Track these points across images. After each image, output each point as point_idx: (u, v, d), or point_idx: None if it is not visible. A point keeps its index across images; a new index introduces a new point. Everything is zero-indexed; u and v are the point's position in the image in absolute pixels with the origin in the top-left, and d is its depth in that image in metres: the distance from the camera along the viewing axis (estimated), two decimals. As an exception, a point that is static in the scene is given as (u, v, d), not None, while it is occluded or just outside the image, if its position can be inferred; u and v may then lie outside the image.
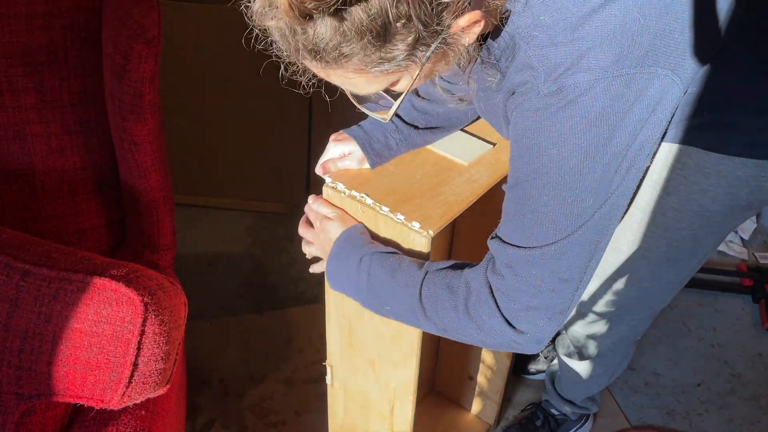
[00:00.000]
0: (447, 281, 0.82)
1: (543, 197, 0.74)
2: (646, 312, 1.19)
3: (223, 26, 1.90)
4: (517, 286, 0.77)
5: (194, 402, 1.61)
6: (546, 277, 0.76)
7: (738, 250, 2.20)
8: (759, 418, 1.69)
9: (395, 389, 1.10)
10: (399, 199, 0.92)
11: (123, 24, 1.05)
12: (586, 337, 1.28)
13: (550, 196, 0.73)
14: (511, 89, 0.75)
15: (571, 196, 0.72)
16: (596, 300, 1.18)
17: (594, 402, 1.53)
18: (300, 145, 2.11)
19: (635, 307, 1.16)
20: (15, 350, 0.82)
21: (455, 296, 0.81)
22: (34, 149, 1.19)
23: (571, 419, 1.55)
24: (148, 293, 0.81)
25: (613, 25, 0.67)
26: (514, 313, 0.78)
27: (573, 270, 0.76)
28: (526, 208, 0.76)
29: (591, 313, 1.21)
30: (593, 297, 1.18)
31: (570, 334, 1.32)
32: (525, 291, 0.77)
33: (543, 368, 1.72)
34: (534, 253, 0.75)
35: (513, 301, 0.78)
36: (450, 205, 0.92)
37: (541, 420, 1.55)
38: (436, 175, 0.98)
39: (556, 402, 1.53)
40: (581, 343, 1.30)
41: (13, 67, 1.14)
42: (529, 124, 0.72)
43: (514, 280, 0.77)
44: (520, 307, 0.78)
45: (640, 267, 1.07)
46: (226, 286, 1.93)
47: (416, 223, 0.88)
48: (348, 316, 1.07)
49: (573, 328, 1.29)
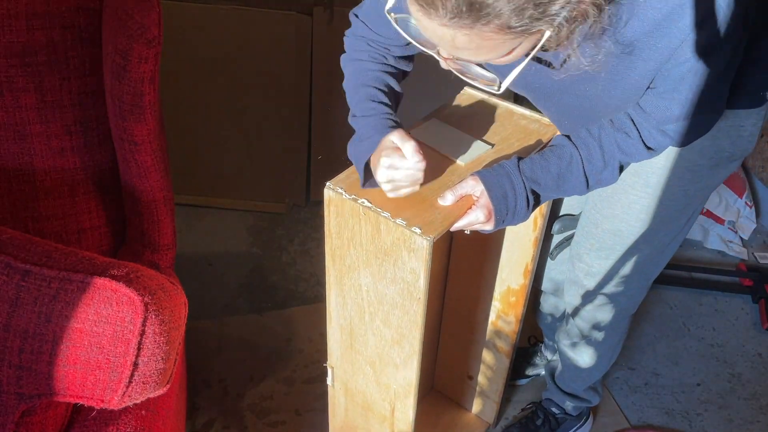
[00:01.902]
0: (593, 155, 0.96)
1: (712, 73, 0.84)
2: (643, 281, 1.24)
3: (224, 26, 1.90)
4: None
5: (194, 402, 1.61)
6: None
7: (738, 250, 2.20)
8: (758, 418, 1.69)
9: (396, 390, 1.10)
10: (400, 203, 0.92)
11: (123, 24, 1.05)
12: (590, 320, 1.31)
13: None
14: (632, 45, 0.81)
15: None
16: (599, 279, 1.23)
17: (596, 392, 1.53)
18: (300, 145, 2.11)
19: (632, 277, 1.20)
20: (15, 350, 0.82)
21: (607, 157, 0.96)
22: (34, 149, 1.19)
23: (572, 416, 1.55)
24: (149, 293, 0.82)
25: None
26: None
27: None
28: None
29: (595, 295, 1.25)
30: (597, 277, 1.23)
31: (576, 322, 1.34)
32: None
33: (538, 372, 1.72)
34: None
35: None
36: (450, 210, 0.92)
37: (541, 419, 1.55)
38: (436, 180, 0.98)
39: (557, 397, 1.53)
40: (586, 327, 1.33)
41: (13, 67, 1.14)
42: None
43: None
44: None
45: (635, 232, 1.12)
46: (226, 286, 1.93)
47: (417, 228, 0.88)
48: (349, 318, 1.07)
49: (579, 314, 1.32)
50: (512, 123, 1.10)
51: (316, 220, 2.16)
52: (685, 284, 2.03)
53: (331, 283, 1.06)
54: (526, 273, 1.28)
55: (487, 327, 1.41)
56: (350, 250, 0.98)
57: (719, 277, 2.10)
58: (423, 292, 0.92)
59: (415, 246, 0.89)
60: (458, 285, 1.43)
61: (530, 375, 1.71)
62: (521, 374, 1.70)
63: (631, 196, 1.09)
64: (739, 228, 2.24)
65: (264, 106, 2.03)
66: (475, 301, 1.41)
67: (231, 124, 2.07)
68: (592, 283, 1.24)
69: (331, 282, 1.06)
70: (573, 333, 1.37)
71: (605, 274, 1.21)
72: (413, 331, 0.98)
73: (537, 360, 1.70)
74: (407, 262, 0.91)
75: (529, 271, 1.27)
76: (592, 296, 1.26)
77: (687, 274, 2.07)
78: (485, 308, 1.39)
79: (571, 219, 1.29)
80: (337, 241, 0.99)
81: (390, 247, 0.92)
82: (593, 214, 1.17)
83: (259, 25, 1.89)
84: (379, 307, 1.00)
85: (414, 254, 0.90)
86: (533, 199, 0.96)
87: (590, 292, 1.25)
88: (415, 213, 0.91)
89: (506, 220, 0.96)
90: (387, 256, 0.93)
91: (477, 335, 1.45)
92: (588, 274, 1.23)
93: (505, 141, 1.05)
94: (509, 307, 1.35)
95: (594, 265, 1.21)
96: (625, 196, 1.10)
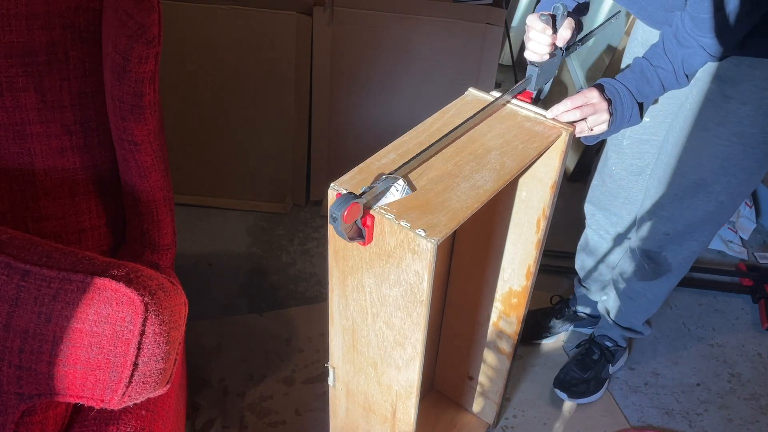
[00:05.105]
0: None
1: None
2: (716, 227, 1.35)
3: (224, 26, 1.90)
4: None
5: (194, 402, 1.61)
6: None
7: (738, 250, 2.20)
8: (758, 418, 1.69)
9: (398, 392, 1.10)
10: (404, 205, 0.92)
11: (123, 24, 1.05)
12: (661, 261, 1.43)
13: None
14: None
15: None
16: (676, 225, 1.35)
17: (649, 325, 1.69)
18: (300, 145, 2.11)
19: (707, 222, 1.33)
20: (15, 350, 0.81)
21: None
22: (34, 149, 1.19)
23: (622, 347, 1.73)
24: (149, 293, 0.81)
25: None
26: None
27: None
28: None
29: (670, 239, 1.38)
30: (674, 223, 1.35)
31: (647, 255, 1.44)
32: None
33: (557, 332, 1.84)
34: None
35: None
36: (455, 212, 0.92)
37: (597, 354, 1.70)
38: (440, 182, 0.98)
39: (613, 333, 1.69)
40: (658, 261, 1.44)
41: (13, 67, 1.13)
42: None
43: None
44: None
45: (718, 180, 1.24)
46: (226, 286, 1.93)
47: (422, 231, 0.88)
48: (351, 319, 1.07)
49: (648, 256, 1.44)
50: (516, 125, 1.10)
51: (316, 220, 2.16)
52: (685, 284, 2.03)
53: (333, 284, 1.06)
54: (528, 275, 1.28)
55: (489, 328, 1.41)
56: (353, 251, 0.98)
57: (719, 277, 2.10)
58: (426, 294, 0.92)
59: (419, 248, 0.88)
60: (460, 286, 1.43)
61: (554, 333, 1.83)
62: (541, 335, 1.83)
63: (718, 145, 1.19)
64: (739, 228, 2.24)
65: (264, 106, 2.03)
66: (476, 302, 1.41)
67: (231, 124, 2.07)
68: (669, 229, 1.36)
69: (333, 283, 1.05)
70: (642, 266, 1.47)
71: (683, 220, 1.33)
72: (416, 333, 0.98)
73: (555, 321, 1.82)
74: (411, 264, 0.91)
75: (531, 273, 1.27)
76: (666, 240, 1.39)
77: (687, 274, 2.06)
78: (487, 309, 1.39)
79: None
80: (341, 242, 0.99)
81: (394, 249, 0.92)
82: (676, 163, 1.27)
83: (259, 25, 1.89)
84: (382, 309, 1.00)
85: (418, 257, 0.89)
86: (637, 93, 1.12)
87: (666, 236, 1.37)
88: (419, 215, 0.91)
89: (624, 113, 1.11)
90: (391, 257, 0.93)
91: (478, 336, 1.45)
92: (667, 221, 1.35)
93: (509, 144, 1.05)
94: (511, 308, 1.35)
95: (675, 213, 1.33)
96: (712, 146, 1.20)
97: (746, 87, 1.14)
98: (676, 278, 1.50)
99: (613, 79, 1.13)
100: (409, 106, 2.04)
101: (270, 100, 2.02)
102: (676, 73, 1.10)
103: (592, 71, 2.52)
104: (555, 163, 1.12)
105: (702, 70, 1.18)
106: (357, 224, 0.90)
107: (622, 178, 1.49)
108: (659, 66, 1.11)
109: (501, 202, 1.24)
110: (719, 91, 1.17)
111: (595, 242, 1.65)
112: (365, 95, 2.02)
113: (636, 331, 1.67)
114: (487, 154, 1.03)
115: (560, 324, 1.83)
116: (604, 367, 1.70)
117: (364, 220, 0.89)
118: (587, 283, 1.75)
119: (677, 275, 1.48)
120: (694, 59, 1.08)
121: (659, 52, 1.11)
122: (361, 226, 0.90)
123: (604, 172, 1.54)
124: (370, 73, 1.98)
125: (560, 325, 1.83)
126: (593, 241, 1.65)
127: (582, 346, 1.75)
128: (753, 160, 1.21)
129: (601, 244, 1.64)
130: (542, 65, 1.13)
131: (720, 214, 1.32)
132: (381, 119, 2.05)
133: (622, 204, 1.53)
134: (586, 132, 1.11)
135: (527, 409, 1.67)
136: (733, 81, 1.15)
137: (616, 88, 1.11)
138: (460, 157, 1.02)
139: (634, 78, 1.12)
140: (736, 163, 1.21)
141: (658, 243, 1.40)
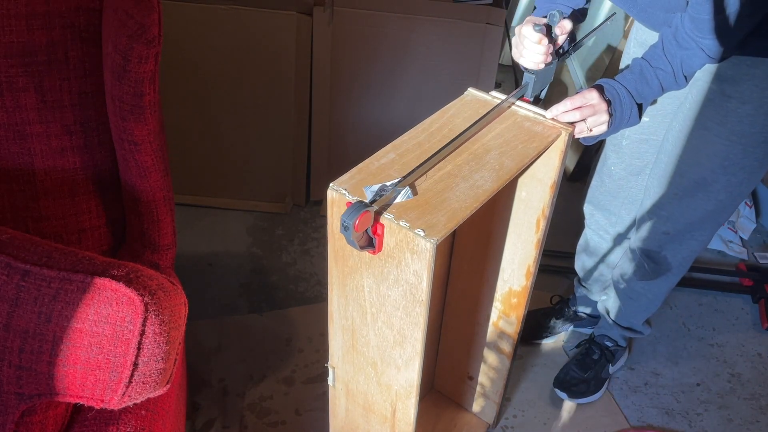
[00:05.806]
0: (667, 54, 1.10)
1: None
2: (715, 226, 1.36)
3: (224, 26, 1.90)
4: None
5: (194, 402, 1.61)
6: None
7: (738, 250, 2.20)
8: (758, 418, 1.69)
9: (397, 391, 1.10)
10: (403, 206, 0.92)
11: (123, 24, 1.05)
12: (660, 261, 1.43)
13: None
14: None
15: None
16: (676, 224, 1.35)
17: (649, 324, 1.69)
18: (300, 145, 2.11)
19: (707, 222, 1.33)
20: (15, 350, 0.81)
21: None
22: (34, 149, 1.19)
23: (622, 347, 1.73)
24: (149, 293, 0.81)
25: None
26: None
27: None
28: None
29: (670, 239, 1.38)
30: (674, 222, 1.35)
31: (647, 255, 1.45)
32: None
33: (557, 332, 1.85)
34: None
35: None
36: (454, 212, 0.92)
37: (597, 354, 1.71)
38: (440, 182, 0.98)
39: (613, 333, 1.70)
40: (657, 261, 1.44)
41: (13, 67, 1.14)
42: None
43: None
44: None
45: (718, 179, 1.24)
46: (226, 286, 1.93)
47: (421, 230, 0.88)
48: (351, 319, 1.07)
49: (650, 249, 1.43)
50: (516, 124, 1.10)
51: (316, 220, 2.16)
52: (685, 284, 2.03)
53: (333, 284, 1.06)
54: (528, 275, 1.28)
55: (489, 328, 1.41)
56: (353, 251, 0.98)
57: (719, 277, 2.10)
58: (426, 294, 0.92)
59: (418, 248, 0.88)
60: (460, 286, 1.43)
61: (554, 333, 1.84)
62: (541, 335, 1.83)
63: (718, 144, 1.20)
64: (739, 228, 2.24)
65: (264, 106, 2.03)
66: (476, 302, 1.41)
67: (231, 124, 2.07)
68: (669, 228, 1.37)
69: (333, 283, 1.05)
70: (643, 266, 1.47)
71: (682, 219, 1.33)
72: (415, 332, 0.98)
73: (555, 321, 1.82)
74: (410, 264, 0.91)
75: (531, 273, 1.27)
76: (666, 240, 1.39)
77: (687, 274, 2.06)
78: (486, 309, 1.39)
79: None
80: (340, 242, 0.99)
81: (393, 249, 0.92)
82: (676, 163, 1.28)
83: (259, 25, 1.89)
84: (382, 309, 1.00)
85: (417, 256, 0.89)
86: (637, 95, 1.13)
87: (666, 236, 1.38)
88: (418, 215, 0.91)
89: (623, 114, 1.11)
90: (390, 257, 0.93)
91: (478, 336, 1.45)
92: (667, 220, 1.35)
93: (508, 143, 1.05)
94: (511, 308, 1.35)
95: (675, 212, 1.33)
96: (711, 145, 1.20)
97: (746, 86, 1.14)
98: (676, 277, 1.50)
99: (612, 79, 1.13)
100: (409, 106, 2.04)
101: (270, 100, 2.02)
102: (675, 74, 1.10)
103: (591, 71, 2.52)
104: (554, 162, 1.12)
105: (702, 70, 1.18)
106: (367, 233, 0.90)
107: (622, 177, 1.49)
108: (658, 67, 1.11)
109: (500, 202, 1.24)
110: (719, 90, 1.17)
111: (594, 242, 1.65)
112: (365, 95, 2.02)
113: (636, 330, 1.67)
114: (486, 154, 1.03)
115: (560, 324, 1.83)
116: (604, 367, 1.70)
117: (374, 228, 0.89)
118: (588, 284, 1.75)
119: (677, 274, 1.49)
120: (693, 60, 1.08)
121: (658, 53, 1.11)
122: (372, 235, 0.90)
123: (603, 172, 1.54)
124: (370, 73, 1.98)
125: (560, 325, 1.83)
126: (593, 242, 1.65)
127: (582, 346, 1.75)
128: (753, 159, 1.21)
129: (601, 244, 1.64)
130: (538, 73, 1.13)
131: (720, 214, 1.32)
132: (381, 119, 2.05)
133: (621, 204, 1.53)
134: (585, 133, 1.11)
135: (527, 409, 1.67)
136: (733, 80, 1.15)
137: (616, 89, 1.11)
138: (459, 157, 1.02)
139: (634, 79, 1.12)
140: (736, 163, 1.21)
141: (657, 242, 1.41)
